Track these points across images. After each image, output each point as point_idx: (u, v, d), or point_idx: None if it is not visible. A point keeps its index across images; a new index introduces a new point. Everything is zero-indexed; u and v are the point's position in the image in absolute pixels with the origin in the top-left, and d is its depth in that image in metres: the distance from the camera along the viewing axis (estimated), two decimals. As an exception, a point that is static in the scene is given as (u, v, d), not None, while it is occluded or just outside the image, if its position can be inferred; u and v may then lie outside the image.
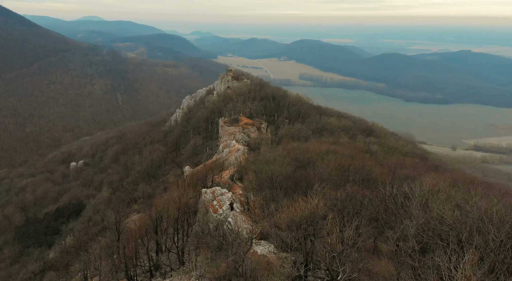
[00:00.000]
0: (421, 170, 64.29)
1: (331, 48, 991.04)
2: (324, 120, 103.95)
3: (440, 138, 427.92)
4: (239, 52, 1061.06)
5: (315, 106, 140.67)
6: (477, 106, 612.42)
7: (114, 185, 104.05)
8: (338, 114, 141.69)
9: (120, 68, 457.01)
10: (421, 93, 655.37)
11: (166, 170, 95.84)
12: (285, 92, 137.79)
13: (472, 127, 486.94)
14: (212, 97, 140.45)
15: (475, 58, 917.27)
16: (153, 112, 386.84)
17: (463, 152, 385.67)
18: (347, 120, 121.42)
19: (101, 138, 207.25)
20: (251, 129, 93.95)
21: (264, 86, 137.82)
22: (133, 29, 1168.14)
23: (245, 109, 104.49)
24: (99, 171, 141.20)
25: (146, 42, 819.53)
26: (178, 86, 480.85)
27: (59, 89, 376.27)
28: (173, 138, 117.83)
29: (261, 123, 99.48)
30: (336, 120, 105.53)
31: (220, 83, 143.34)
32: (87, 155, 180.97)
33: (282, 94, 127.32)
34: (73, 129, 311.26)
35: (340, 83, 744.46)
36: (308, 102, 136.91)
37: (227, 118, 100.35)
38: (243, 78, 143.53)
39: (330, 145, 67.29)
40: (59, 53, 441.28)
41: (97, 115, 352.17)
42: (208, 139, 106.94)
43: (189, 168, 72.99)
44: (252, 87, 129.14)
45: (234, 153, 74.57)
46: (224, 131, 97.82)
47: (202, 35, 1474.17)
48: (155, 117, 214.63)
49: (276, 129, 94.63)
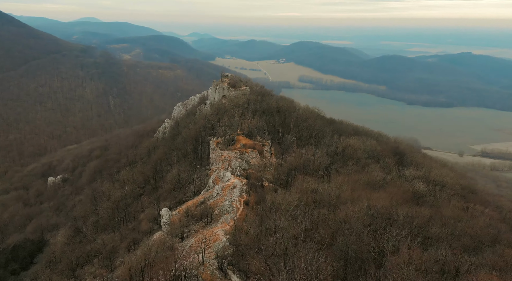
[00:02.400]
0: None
1: (330, 50, 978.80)
2: (345, 142, 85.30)
3: (445, 143, 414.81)
4: (237, 54, 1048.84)
5: (328, 120, 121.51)
6: (481, 110, 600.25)
7: (75, 227, 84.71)
8: (355, 129, 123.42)
9: (113, 70, 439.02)
10: (423, 96, 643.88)
11: (141, 206, 77.64)
12: (291, 103, 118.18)
13: (477, 131, 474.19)
14: (204, 108, 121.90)
15: (476, 60, 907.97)
16: (146, 116, 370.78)
17: (471, 158, 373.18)
18: (370, 139, 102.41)
19: (85, 149, 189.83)
20: (251, 153, 76.38)
21: (266, 95, 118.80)
22: (130, 30, 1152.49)
23: (244, 124, 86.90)
24: (75, 191, 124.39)
25: (142, 44, 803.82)
26: (173, 89, 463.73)
27: (48, 92, 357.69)
28: (154, 161, 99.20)
29: (264, 145, 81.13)
30: (359, 141, 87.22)
31: (214, 91, 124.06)
32: (67, 168, 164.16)
33: (288, 106, 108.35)
34: (60, 136, 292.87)
35: (340, 85, 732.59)
36: (320, 114, 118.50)
37: (221, 138, 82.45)
38: (241, 85, 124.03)
39: (367, 191, 50.55)
40: (49, 55, 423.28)
41: (87, 121, 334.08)
42: (197, 163, 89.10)
43: (167, 212, 56.13)
44: (252, 97, 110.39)
45: (228, 192, 57.52)
46: (216, 156, 79.85)
47: (200, 37, 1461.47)
48: (144, 125, 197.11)
49: (282, 151, 77.32)
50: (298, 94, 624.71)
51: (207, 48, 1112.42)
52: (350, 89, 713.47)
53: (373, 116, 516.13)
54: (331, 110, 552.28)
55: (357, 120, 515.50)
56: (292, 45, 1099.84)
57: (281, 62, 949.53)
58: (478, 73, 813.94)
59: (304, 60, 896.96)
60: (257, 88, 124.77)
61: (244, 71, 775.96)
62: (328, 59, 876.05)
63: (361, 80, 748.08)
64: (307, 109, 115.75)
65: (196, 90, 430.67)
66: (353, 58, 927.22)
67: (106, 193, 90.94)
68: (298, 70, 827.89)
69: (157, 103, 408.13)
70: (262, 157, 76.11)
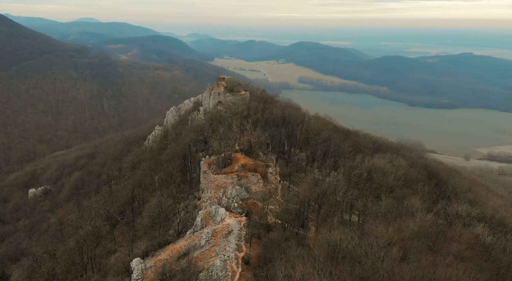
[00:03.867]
0: None
1: (330, 50, 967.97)
2: (370, 163, 69.84)
3: (450, 146, 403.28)
4: (236, 55, 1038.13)
5: (342, 130, 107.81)
6: (485, 111, 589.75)
7: (33, 267, 69.50)
8: (374, 142, 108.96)
9: (107, 71, 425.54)
10: (425, 97, 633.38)
11: (114, 243, 62.98)
12: (298, 110, 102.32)
13: (482, 134, 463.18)
14: (197, 116, 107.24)
15: (477, 61, 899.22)
16: (141, 119, 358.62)
17: (477, 162, 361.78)
18: (398, 157, 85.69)
19: (72, 156, 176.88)
20: (251, 178, 61.79)
21: (269, 101, 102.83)
22: (128, 30, 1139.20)
23: (243, 138, 72.78)
24: (54, 206, 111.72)
25: (139, 44, 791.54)
26: (170, 90, 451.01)
27: (39, 94, 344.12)
28: (133, 182, 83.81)
29: (267, 166, 66.37)
30: (386, 161, 73.06)
31: (208, 96, 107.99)
32: (50, 178, 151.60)
33: (294, 114, 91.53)
34: (50, 140, 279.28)
35: (341, 86, 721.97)
36: (332, 123, 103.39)
37: (215, 157, 67.56)
38: (239, 89, 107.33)
39: (423, 254, 36.16)
40: (42, 55, 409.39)
41: (79, 124, 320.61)
42: (186, 187, 74.49)
43: (139, 264, 42.90)
44: (253, 105, 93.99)
45: (221, 240, 44.25)
46: (208, 181, 63.65)
47: (199, 37, 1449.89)
48: (136, 131, 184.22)
49: (291, 171, 62.91)
50: (298, 95, 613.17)
51: (206, 48, 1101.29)
52: (351, 90, 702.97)
53: (375, 118, 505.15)
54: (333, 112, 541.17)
55: (359, 122, 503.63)
56: (291, 45, 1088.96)
57: (281, 62, 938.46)
58: (480, 74, 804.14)
59: (304, 60, 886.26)
60: (258, 93, 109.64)
61: (243, 72, 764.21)
62: (328, 59, 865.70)
63: (362, 81, 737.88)
64: (318, 118, 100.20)
65: (194, 91, 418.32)
66: (353, 58, 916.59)
67: (74, 223, 77.07)
68: (298, 71, 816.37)
69: (153, 105, 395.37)
70: (265, 181, 62.50)
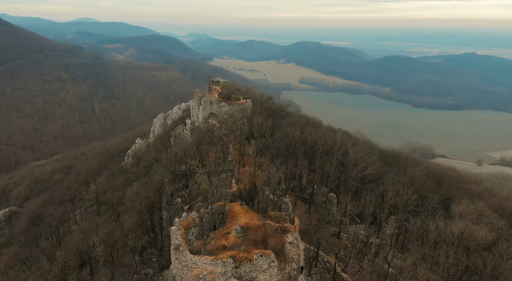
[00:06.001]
0: None
1: (331, 50, 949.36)
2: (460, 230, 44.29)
3: (460, 150, 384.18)
4: (235, 55, 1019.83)
5: (379, 151, 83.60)
6: (493, 113, 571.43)
7: None
8: (415, 161, 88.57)
9: (100, 71, 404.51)
10: (430, 98, 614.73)
11: None
12: (319, 127, 73.37)
13: (492, 137, 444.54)
14: (183, 132, 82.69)
15: (480, 61, 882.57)
16: (135, 122, 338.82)
17: (491, 168, 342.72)
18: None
19: (48, 169, 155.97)
20: (258, 262, 36.15)
21: (279, 113, 74.97)
22: (126, 30, 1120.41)
23: (242, 169, 47.65)
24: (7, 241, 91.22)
25: (136, 44, 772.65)
26: (166, 92, 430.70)
27: (26, 96, 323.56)
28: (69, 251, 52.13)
29: (284, 230, 40.55)
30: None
31: (197, 106, 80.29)
32: (19, 197, 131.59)
33: (322, 138, 61.85)
34: (34, 146, 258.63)
35: (343, 87, 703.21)
36: (375, 145, 77.93)
37: (196, 215, 41.37)
38: (238, 96, 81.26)
39: None
40: (31, 55, 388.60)
41: (67, 128, 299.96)
42: (150, 263, 46.63)
43: None
44: (258, 121, 65.73)
45: None
46: (183, 266, 37.77)
47: (198, 37, 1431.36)
48: (120, 141, 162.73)
49: (317, 225, 37.63)
50: (299, 97, 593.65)
51: (205, 48, 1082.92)
52: (354, 90, 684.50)
53: (380, 119, 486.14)
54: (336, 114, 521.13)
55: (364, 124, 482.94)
56: (291, 45, 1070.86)
57: (281, 62, 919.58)
58: (485, 74, 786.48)
59: (305, 60, 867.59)
60: (263, 100, 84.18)
61: (243, 72, 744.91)
62: (329, 59, 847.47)
63: (365, 82, 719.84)
64: (350, 137, 71.36)
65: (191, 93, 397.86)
66: (355, 58, 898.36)
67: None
68: (299, 71, 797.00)
69: (148, 107, 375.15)
70: (282, 260, 37.79)
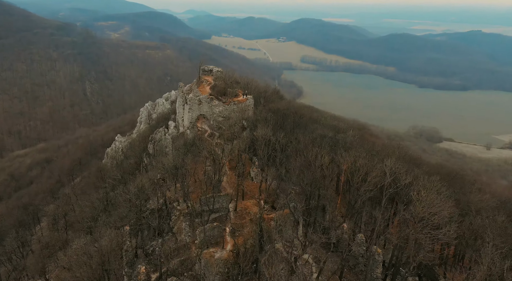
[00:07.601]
0: None
1: (334, 27, 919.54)
2: None
3: (467, 133, 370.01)
4: (235, 32, 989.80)
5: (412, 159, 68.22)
6: (500, 93, 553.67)
7: None
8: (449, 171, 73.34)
9: (92, 51, 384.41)
10: (436, 78, 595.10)
11: None
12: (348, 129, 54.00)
13: (500, 118, 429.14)
14: (164, 137, 60.34)
15: (486, 39, 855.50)
16: (129, 105, 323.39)
17: (500, 152, 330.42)
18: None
19: (27, 162, 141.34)
20: None
21: (290, 118, 53.12)
22: (122, 7, 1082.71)
23: (242, 203, 31.20)
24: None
25: (132, 21, 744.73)
26: (162, 72, 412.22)
27: (12, 78, 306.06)
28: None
29: None
30: None
31: (182, 106, 60.30)
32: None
33: (351, 164, 44.97)
34: (20, 132, 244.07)
35: (346, 66, 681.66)
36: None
37: None
38: (237, 91, 61.43)
39: None
40: (18, 33, 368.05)
41: (57, 111, 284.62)
42: None
43: None
44: (263, 134, 46.89)
45: None
46: None
47: (197, 14, 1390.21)
48: (107, 130, 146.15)
49: None
50: (301, 77, 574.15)
51: (203, 26, 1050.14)
52: (357, 70, 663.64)
53: (384, 101, 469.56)
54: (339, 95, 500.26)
55: (368, 105, 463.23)
56: (292, 22, 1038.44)
57: (282, 41, 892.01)
58: (491, 52, 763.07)
59: (306, 38, 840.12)
60: (267, 94, 62.53)
61: (242, 51, 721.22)
62: (332, 37, 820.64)
63: (368, 61, 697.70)
64: (404, 163, 49.43)
65: (188, 73, 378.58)
66: (358, 36, 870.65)
67: None
68: (300, 49, 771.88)
69: (142, 89, 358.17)
70: None
